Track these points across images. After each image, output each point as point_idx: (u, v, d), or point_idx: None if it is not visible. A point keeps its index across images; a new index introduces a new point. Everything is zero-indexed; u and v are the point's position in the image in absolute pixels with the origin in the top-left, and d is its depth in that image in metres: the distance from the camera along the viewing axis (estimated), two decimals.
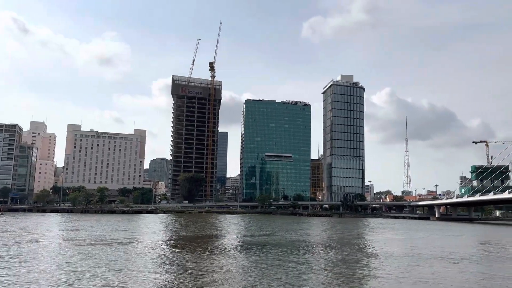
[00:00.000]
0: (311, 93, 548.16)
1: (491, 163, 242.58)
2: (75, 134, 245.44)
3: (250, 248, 43.62)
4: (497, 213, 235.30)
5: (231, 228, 79.49)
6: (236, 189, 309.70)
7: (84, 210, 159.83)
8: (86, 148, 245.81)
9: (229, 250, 41.62)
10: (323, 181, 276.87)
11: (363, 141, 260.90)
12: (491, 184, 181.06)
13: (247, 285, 24.54)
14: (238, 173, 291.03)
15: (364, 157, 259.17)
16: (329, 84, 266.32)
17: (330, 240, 59.02)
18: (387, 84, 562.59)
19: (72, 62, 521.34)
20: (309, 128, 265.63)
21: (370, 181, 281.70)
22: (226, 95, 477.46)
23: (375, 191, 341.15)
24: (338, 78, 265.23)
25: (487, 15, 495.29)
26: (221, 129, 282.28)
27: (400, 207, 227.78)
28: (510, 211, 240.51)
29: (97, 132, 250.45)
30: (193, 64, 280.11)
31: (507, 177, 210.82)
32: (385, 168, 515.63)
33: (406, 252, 44.75)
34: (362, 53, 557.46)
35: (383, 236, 71.40)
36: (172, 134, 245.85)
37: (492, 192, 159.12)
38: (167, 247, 43.80)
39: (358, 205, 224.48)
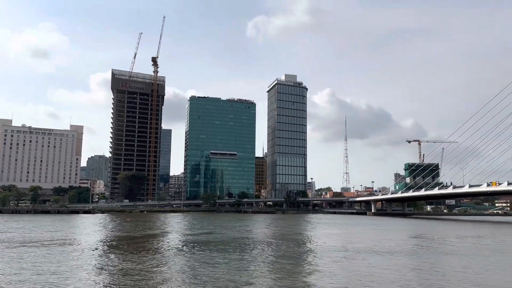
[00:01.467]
0: (256, 92, 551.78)
1: (423, 161, 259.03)
2: (5, 130, 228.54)
3: (192, 247, 42.98)
4: (428, 208, 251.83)
5: (173, 227, 78.01)
6: (179, 188, 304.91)
7: (14, 211, 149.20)
8: (18, 144, 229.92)
9: (170, 250, 40.72)
10: (267, 178, 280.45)
11: (305, 140, 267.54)
12: (423, 180, 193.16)
13: (188, 284, 24.04)
14: (182, 171, 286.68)
15: (306, 155, 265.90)
16: (274, 83, 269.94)
17: (272, 236, 59.75)
18: (328, 84, 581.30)
19: (3, 53, 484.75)
20: (254, 126, 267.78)
21: (312, 178, 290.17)
22: (169, 91, 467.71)
23: (316, 188, 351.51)
24: (283, 78, 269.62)
25: (420, 21, 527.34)
26: (164, 126, 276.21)
27: (339, 203, 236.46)
28: (440, 206, 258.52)
29: (29, 127, 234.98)
30: (134, 58, 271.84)
31: (438, 174, 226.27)
32: (326, 166, 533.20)
33: (343, 246, 46.35)
34: (304, 53, 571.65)
35: (322, 231, 73.58)
36: (111, 131, 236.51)
37: (423, 189, 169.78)
38: (105, 248, 41.96)
39: (301, 201, 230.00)
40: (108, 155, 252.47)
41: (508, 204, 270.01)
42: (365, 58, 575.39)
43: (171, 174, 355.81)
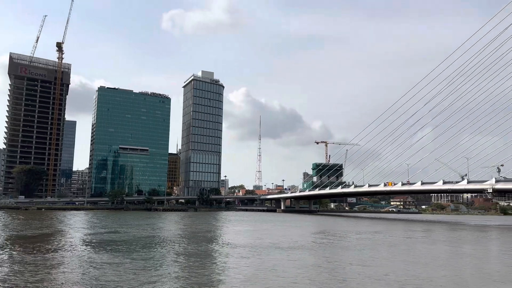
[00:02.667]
0: (172, 87, 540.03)
1: (329, 161, 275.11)
2: None
3: (94, 247, 40.06)
4: (332, 205, 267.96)
5: (74, 226, 72.45)
6: (84, 184, 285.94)
7: None
8: None
9: (68, 250, 37.47)
10: (180, 175, 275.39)
11: (221, 137, 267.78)
12: (328, 180, 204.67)
13: (90, 286, 22.05)
14: (88, 166, 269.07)
15: (221, 152, 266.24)
16: (190, 79, 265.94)
17: (181, 234, 58.36)
18: (244, 84, 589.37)
19: None
20: (168, 121, 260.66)
21: (225, 176, 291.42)
22: (76, 80, 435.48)
23: (230, 186, 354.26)
24: (199, 74, 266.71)
25: (332, 29, 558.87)
26: (68, 117, 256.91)
27: (251, 201, 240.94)
28: (342, 204, 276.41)
29: None
30: (37, 42, 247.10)
31: (341, 174, 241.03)
32: (240, 164, 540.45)
33: (251, 242, 46.81)
34: (222, 51, 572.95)
35: (232, 228, 73.92)
36: (7, 120, 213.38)
37: (328, 187, 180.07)
38: None
39: (213, 199, 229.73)
40: (2, 146, 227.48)
41: (401, 203, 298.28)
42: (279, 60, 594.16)
43: (75, 169, 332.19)
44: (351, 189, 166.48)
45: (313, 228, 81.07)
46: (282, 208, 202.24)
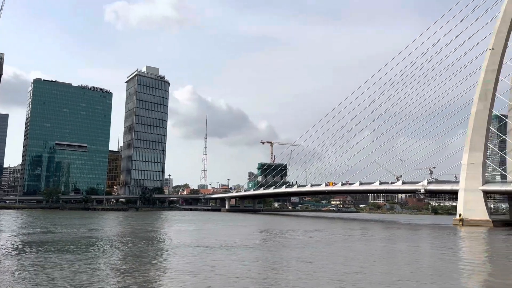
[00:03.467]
0: (114, 81, 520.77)
1: (274, 161, 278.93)
2: None
3: (24, 248, 37.36)
4: (276, 204, 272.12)
5: (3, 226, 67.32)
6: (16, 181, 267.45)
7: None
8: None
9: None
10: (121, 174, 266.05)
11: (165, 135, 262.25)
12: (273, 179, 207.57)
13: None
14: (20, 162, 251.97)
15: (165, 151, 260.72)
16: (134, 74, 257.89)
17: (119, 234, 56.21)
18: (190, 81, 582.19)
19: None
20: (109, 117, 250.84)
21: (169, 175, 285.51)
22: (8, 70, 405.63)
23: (174, 185, 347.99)
24: (144, 69, 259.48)
25: (280, 32, 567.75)
26: (0, 110, 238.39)
27: (196, 200, 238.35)
28: (286, 203, 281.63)
29: None
30: None
31: (286, 174, 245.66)
32: (185, 163, 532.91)
33: (193, 242, 46.15)
34: (167, 47, 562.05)
35: (174, 228, 72.56)
36: None
37: (273, 187, 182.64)
38: None
39: (156, 198, 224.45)
40: None
41: (341, 202, 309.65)
42: (227, 59, 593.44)
43: (5, 165, 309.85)
44: (295, 188, 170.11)
45: (257, 227, 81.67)
46: (226, 207, 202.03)
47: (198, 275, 25.56)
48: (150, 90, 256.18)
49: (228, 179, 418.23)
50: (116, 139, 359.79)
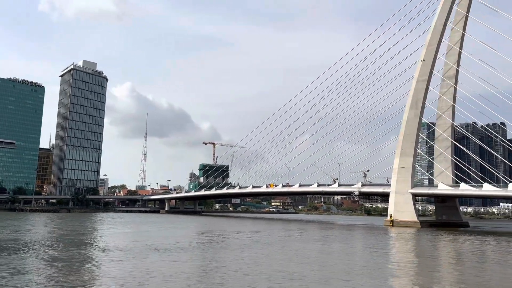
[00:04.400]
0: (47, 75, 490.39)
1: (216, 162, 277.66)
2: None
3: None
4: (217, 206, 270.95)
5: None
6: None
7: None
8: None
9: None
10: (52, 173, 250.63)
11: (102, 133, 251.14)
12: (215, 180, 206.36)
13: None
14: None
15: (101, 149, 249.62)
16: (69, 68, 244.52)
17: (49, 237, 52.68)
18: (130, 78, 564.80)
19: None
20: (41, 113, 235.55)
21: (105, 175, 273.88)
22: None
23: (110, 185, 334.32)
24: (80, 63, 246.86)
25: (226, 33, 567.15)
26: None
27: (133, 201, 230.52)
28: (227, 205, 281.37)
29: None
30: None
31: (228, 175, 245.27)
32: (122, 163, 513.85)
33: (129, 245, 44.41)
34: (106, 42, 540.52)
35: (109, 230, 69.49)
36: None
37: (214, 188, 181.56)
38: None
39: (91, 199, 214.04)
40: None
41: (281, 203, 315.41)
42: (170, 57, 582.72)
43: None
44: (236, 190, 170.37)
45: (196, 228, 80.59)
46: (166, 209, 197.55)
47: (131, 279, 24.52)
48: (86, 86, 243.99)
49: (168, 180, 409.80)
50: (48, 136, 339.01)
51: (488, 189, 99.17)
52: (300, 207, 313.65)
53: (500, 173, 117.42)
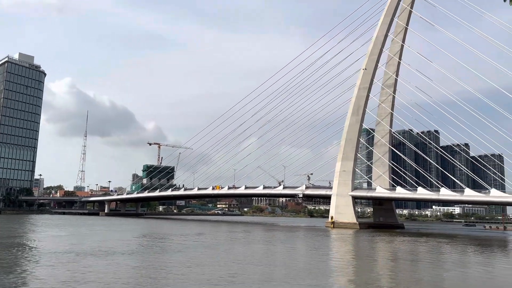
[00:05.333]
0: None
1: (161, 163, 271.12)
2: None
3: None
4: (160, 208, 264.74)
5: None
6: None
7: None
8: None
9: None
10: None
11: (37, 131, 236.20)
12: (159, 182, 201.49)
13: None
14: None
15: (37, 148, 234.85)
16: (3, 61, 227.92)
17: None
18: (69, 74, 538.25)
19: None
20: None
21: (40, 175, 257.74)
22: None
23: (46, 186, 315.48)
24: (16, 56, 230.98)
25: (175, 32, 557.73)
26: None
27: (71, 203, 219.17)
28: (171, 207, 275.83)
29: None
30: None
31: (173, 177, 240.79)
32: (60, 162, 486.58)
33: (63, 248, 41.99)
34: (47, 36, 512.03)
35: (43, 233, 65.41)
36: None
37: (158, 190, 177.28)
38: None
39: (24, 200, 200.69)
40: None
41: (227, 205, 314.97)
42: (114, 54, 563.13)
43: None
44: (181, 192, 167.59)
45: (137, 231, 78.08)
46: (106, 211, 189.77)
47: (65, 285, 23.12)
48: (21, 80, 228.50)
49: (109, 181, 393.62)
50: None
51: (422, 193, 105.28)
52: (245, 209, 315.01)
53: (433, 178, 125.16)
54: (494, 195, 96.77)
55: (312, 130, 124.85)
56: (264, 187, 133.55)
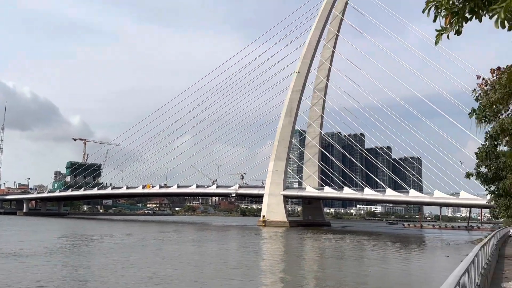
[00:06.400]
0: None
1: (87, 160, 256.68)
2: None
3: None
4: (85, 208, 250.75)
5: None
6: None
7: None
8: None
9: None
10: None
11: None
12: (84, 180, 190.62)
13: None
14: None
15: None
16: None
17: None
18: None
19: None
20: None
21: None
22: None
23: None
24: None
25: (109, 25, 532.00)
26: None
27: None
28: (97, 206, 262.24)
29: None
30: None
31: (99, 175, 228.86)
32: None
33: None
34: None
35: None
36: None
37: (83, 188, 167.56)
38: None
39: None
40: None
41: (158, 205, 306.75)
42: (40, 43, 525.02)
43: None
44: (108, 190, 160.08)
45: (59, 232, 73.09)
46: (24, 210, 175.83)
47: None
48: None
49: (29, 179, 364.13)
50: None
51: (347, 192, 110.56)
52: (177, 208, 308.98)
53: (358, 178, 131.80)
54: (412, 195, 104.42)
55: (247, 130, 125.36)
56: (197, 186, 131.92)
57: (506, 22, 5.69)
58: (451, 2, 6.52)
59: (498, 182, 28.61)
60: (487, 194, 36.13)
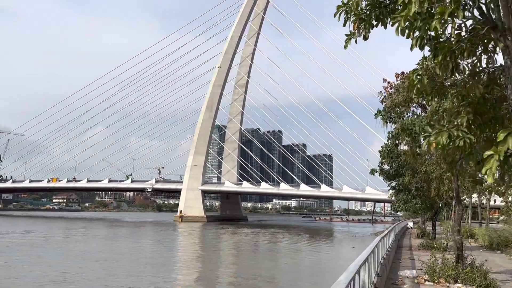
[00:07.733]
0: None
1: None
2: None
3: None
4: None
5: None
6: None
7: None
8: None
9: None
10: None
11: None
12: None
13: None
14: None
15: None
16: None
17: None
18: None
19: None
20: None
21: None
22: None
23: None
24: None
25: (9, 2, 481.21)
26: None
27: None
28: None
29: None
30: None
31: None
32: None
33: None
34: None
35: None
36: None
37: None
38: None
39: None
40: None
41: (65, 200, 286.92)
42: None
43: None
44: (8, 184, 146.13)
45: None
46: None
47: None
48: None
49: None
50: None
51: (265, 187, 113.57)
52: (87, 204, 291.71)
53: (275, 174, 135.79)
54: (324, 190, 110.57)
55: (166, 123, 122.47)
56: (110, 181, 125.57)
57: (406, 30, 6.18)
58: (359, 9, 6.92)
59: (399, 179, 31.39)
60: (389, 190, 39.39)
